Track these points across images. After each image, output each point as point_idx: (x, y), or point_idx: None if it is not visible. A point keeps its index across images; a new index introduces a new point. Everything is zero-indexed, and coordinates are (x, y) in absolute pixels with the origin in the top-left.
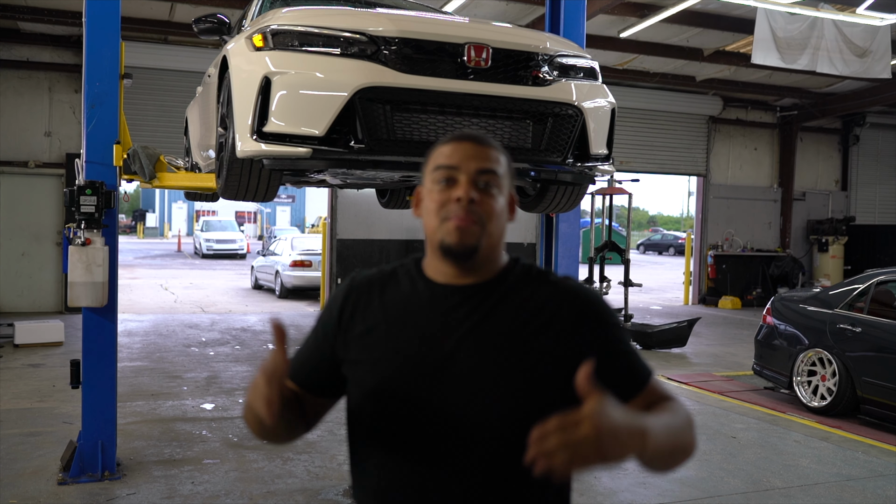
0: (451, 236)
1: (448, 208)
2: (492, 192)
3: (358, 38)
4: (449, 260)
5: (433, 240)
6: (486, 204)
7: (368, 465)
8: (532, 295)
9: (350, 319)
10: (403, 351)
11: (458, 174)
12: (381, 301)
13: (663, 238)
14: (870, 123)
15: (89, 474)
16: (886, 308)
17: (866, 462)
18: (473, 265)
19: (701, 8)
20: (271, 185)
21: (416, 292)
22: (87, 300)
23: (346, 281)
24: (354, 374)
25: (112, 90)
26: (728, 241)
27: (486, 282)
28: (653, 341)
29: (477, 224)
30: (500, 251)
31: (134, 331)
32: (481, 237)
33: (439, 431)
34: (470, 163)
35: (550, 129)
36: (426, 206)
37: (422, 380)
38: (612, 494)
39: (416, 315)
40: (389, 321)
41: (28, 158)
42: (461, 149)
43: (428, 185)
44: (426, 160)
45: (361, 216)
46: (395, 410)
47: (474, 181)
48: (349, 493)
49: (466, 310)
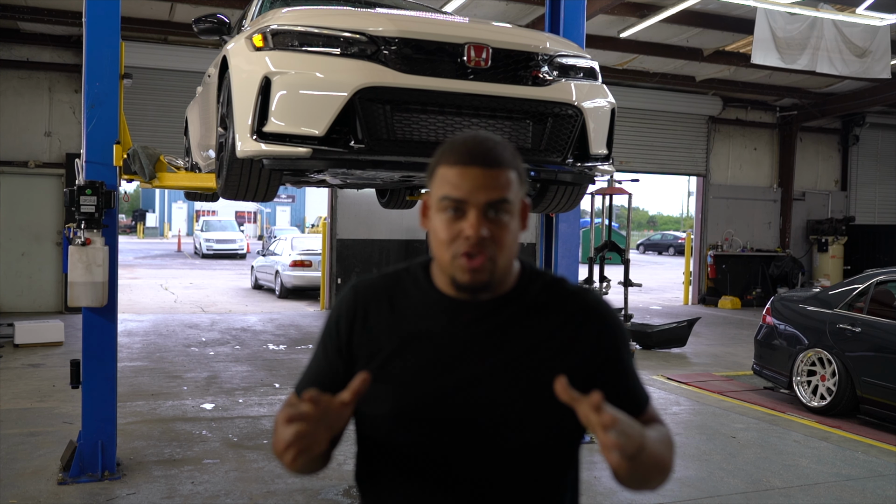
0: (464, 276)
1: (458, 245)
2: (503, 220)
3: (358, 38)
4: (462, 293)
5: (445, 269)
6: (498, 236)
7: (385, 486)
8: (553, 311)
9: (360, 333)
10: (423, 371)
11: (466, 207)
12: (392, 314)
13: (663, 238)
14: (869, 123)
15: (89, 474)
16: (886, 308)
17: (866, 462)
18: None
19: (701, 8)
20: (271, 185)
21: (429, 308)
22: (87, 300)
23: (349, 291)
24: (369, 393)
25: (112, 90)
26: (728, 241)
27: (502, 296)
28: (653, 341)
29: (489, 261)
30: (513, 265)
31: (134, 331)
32: (494, 271)
33: (462, 451)
34: (479, 194)
35: (550, 129)
36: (434, 229)
37: (444, 400)
38: (612, 494)
39: (432, 331)
40: (404, 338)
41: (28, 158)
42: (469, 177)
43: (434, 205)
44: (431, 168)
45: (361, 216)
46: (416, 431)
47: (485, 213)
48: (349, 493)
49: (486, 327)
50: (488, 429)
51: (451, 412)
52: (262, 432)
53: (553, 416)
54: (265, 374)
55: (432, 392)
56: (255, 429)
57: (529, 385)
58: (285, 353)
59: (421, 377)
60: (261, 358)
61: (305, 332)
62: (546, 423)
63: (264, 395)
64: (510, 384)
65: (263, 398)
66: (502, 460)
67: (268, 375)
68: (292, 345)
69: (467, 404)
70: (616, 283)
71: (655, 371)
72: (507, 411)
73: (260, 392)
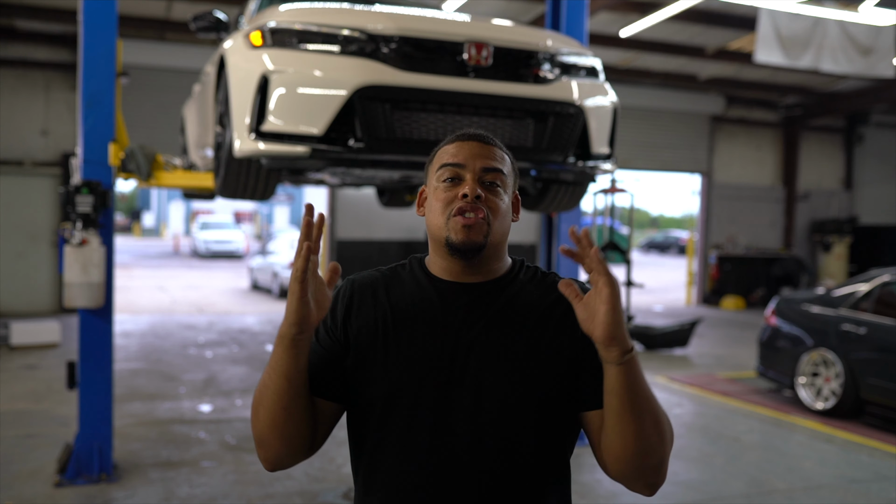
0: (458, 234)
1: (454, 205)
2: (497, 190)
3: (357, 35)
4: (455, 257)
5: (438, 237)
6: (492, 201)
7: (378, 467)
8: (540, 297)
9: (356, 318)
10: (416, 352)
11: (463, 172)
12: (389, 301)
13: (666, 238)
14: (874, 122)
15: (86, 476)
16: (891, 309)
17: (870, 464)
18: (479, 263)
19: (704, 6)
20: (270, 185)
21: (423, 291)
22: (83, 301)
23: (345, 283)
24: (364, 375)
25: (108, 89)
26: (731, 241)
27: (492, 281)
28: (655, 342)
29: (484, 221)
30: (505, 251)
31: (131, 332)
32: (488, 234)
33: (454, 431)
34: (475, 161)
35: (552, 127)
36: (431, 205)
37: (436, 380)
38: (613, 497)
39: (425, 315)
40: (398, 321)
41: (24, 157)
42: (466, 147)
43: (433, 183)
44: (430, 160)
45: (361, 216)
46: (408, 411)
47: (480, 179)
48: (348, 496)
49: (478, 310)
50: (479, 406)
51: (443, 390)
52: None
53: (544, 392)
54: None
55: (426, 371)
56: None
57: (520, 364)
58: None
59: (413, 356)
60: (259, 359)
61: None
62: (536, 400)
63: None
64: (501, 363)
65: None
66: (493, 436)
67: None
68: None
69: (460, 383)
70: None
71: (658, 372)
72: (498, 390)
73: None
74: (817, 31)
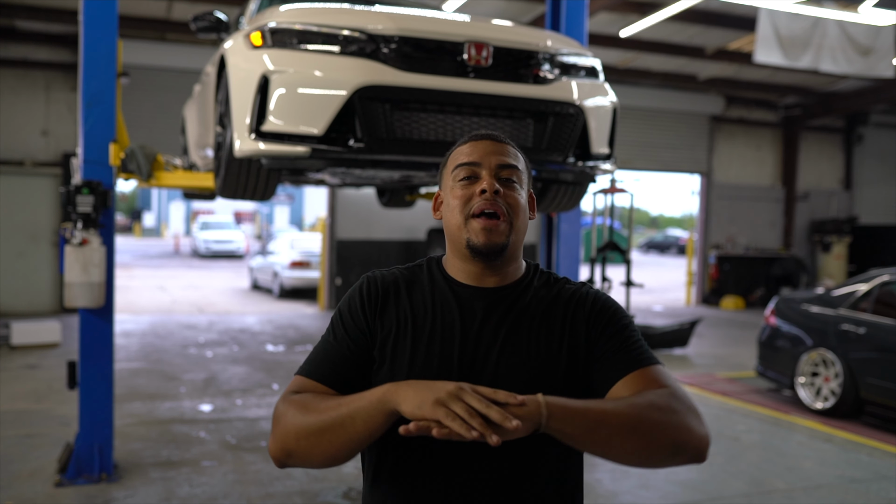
0: (479, 236)
1: (472, 204)
2: (514, 185)
3: (357, 36)
4: (478, 259)
5: (458, 239)
6: (511, 196)
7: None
8: (554, 302)
9: (378, 316)
10: (436, 355)
11: (479, 170)
12: (409, 300)
13: (665, 238)
14: (874, 122)
15: (86, 476)
16: (891, 309)
17: (870, 464)
18: (500, 264)
19: (703, 6)
20: (270, 185)
21: (442, 294)
22: (83, 301)
23: (363, 280)
24: (383, 375)
25: (109, 89)
26: (730, 241)
27: (509, 285)
28: (655, 342)
29: (504, 219)
30: (521, 251)
31: (131, 331)
32: (509, 234)
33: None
34: (491, 158)
35: (551, 127)
36: (448, 203)
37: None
38: (614, 496)
39: (445, 318)
40: (418, 323)
41: (24, 157)
42: (480, 146)
43: (449, 183)
44: (443, 163)
45: (361, 216)
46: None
47: (496, 175)
48: (348, 496)
49: (495, 315)
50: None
51: None
52: (261, 434)
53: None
54: (263, 376)
55: (444, 376)
56: (254, 430)
57: (537, 371)
58: (284, 354)
59: (434, 359)
60: (259, 359)
61: (304, 333)
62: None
63: (262, 396)
64: (517, 366)
65: (262, 400)
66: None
67: (266, 377)
68: (291, 346)
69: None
70: (618, 283)
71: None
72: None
73: (258, 393)
74: (817, 31)
